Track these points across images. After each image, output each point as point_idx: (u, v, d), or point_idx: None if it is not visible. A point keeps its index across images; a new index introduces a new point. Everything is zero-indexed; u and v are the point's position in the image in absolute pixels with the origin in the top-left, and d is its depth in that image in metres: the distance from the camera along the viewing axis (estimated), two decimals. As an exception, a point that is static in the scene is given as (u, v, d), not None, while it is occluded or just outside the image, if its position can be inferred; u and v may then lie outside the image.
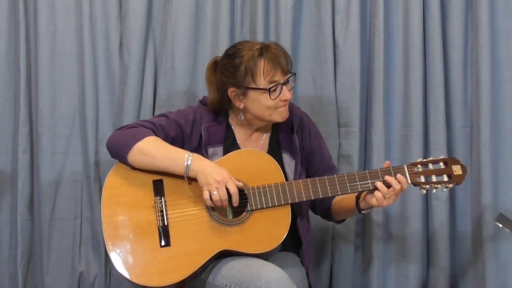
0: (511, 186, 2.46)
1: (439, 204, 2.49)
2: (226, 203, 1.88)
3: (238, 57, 1.98)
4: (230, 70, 2.00)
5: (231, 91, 2.01)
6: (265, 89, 1.96)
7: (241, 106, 2.03)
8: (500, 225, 2.12)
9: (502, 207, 2.42)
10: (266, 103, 1.99)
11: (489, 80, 2.45)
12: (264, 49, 1.98)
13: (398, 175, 1.93)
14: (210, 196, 1.87)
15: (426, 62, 2.52)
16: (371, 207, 1.98)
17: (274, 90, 1.97)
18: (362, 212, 2.02)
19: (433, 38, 2.49)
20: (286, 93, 1.99)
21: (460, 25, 2.51)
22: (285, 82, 1.99)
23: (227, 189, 1.88)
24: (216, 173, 1.88)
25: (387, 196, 1.91)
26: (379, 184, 1.92)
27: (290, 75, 2.01)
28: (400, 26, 2.55)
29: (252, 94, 1.99)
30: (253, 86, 1.97)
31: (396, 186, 1.92)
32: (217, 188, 1.87)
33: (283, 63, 1.98)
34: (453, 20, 2.51)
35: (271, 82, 1.97)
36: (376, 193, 1.91)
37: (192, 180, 1.92)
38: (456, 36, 2.51)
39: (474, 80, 2.50)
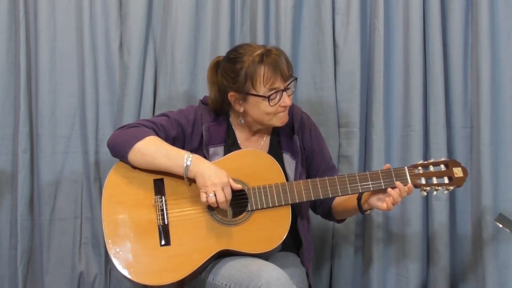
0: (511, 186, 2.46)
1: (439, 205, 2.49)
2: (222, 205, 1.88)
3: (239, 62, 1.97)
4: (230, 75, 1.99)
5: (231, 95, 2.01)
6: (265, 97, 1.96)
7: (241, 110, 2.03)
8: (500, 225, 2.12)
9: (502, 207, 2.42)
10: (265, 109, 1.98)
11: (489, 80, 2.45)
12: (265, 55, 1.96)
13: (409, 185, 1.94)
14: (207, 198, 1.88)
15: (426, 62, 2.52)
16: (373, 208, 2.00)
17: (274, 97, 1.97)
18: (365, 213, 2.03)
19: (433, 38, 2.49)
20: (285, 100, 1.98)
21: (460, 25, 2.51)
22: (285, 89, 1.99)
23: None
24: (214, 176, 1.88)
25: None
26: (392, 191, 1.93)
27: (290, 80, 2.00)
28: (400, 26, 2.55)
29: (252, 99, 1.99)
30: (253, 92, 1.97)
31: (404, 193, 1.94)
32: (214, 191, 1.86)
33: (284, 69, 1.97)
34: (453, 20, 2.52)
35: (271, 89, 1.96)
36: (388, 200, 1.93)
37: (192, 180, 1.92)
38: (456, 36, 2.51)
39: (474, 80, 2.50)
